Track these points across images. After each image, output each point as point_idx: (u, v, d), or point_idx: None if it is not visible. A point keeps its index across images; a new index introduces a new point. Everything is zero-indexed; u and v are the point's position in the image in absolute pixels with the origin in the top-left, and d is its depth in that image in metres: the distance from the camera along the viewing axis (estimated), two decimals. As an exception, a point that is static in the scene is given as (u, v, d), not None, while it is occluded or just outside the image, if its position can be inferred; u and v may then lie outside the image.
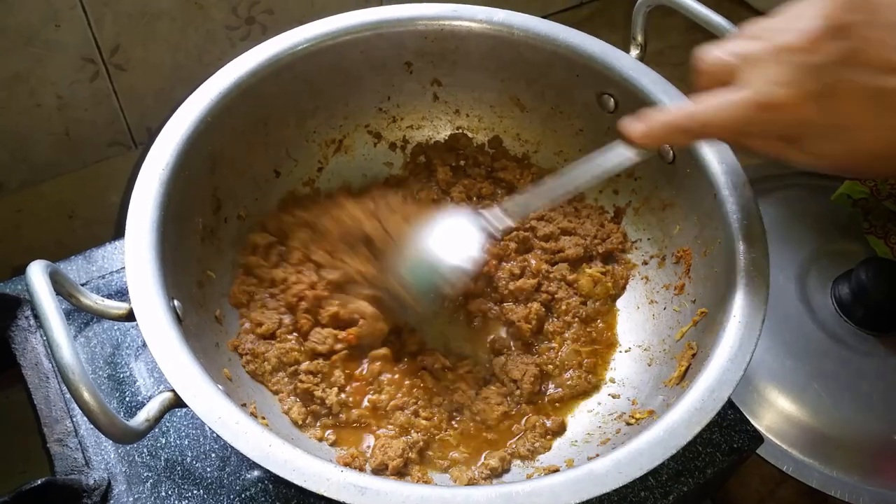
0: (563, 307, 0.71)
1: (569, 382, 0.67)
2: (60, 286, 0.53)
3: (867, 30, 0.44)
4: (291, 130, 0.75)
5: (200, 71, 0.86)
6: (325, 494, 0.47)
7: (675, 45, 1.12)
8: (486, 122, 0.81)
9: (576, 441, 0.63)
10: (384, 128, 0.80)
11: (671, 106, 0.52)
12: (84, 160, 0.88)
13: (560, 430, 0.64)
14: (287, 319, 0.67)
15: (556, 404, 0.66)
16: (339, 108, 0.77)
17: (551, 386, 0.67)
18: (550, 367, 0.68)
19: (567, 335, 0.70)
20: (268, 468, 0.47)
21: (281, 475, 0.47)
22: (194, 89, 0.66)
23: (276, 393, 0.64)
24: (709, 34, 0.67)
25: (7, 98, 0.78)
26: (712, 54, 0.51)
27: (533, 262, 0.73)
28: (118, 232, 0.91)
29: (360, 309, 0.65)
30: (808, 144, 0.47)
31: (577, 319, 0.71)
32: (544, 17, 0.74)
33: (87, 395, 0.46)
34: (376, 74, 0.76)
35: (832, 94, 0.44)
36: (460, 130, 0.81)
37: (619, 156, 0.57)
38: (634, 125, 0.55)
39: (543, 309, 0.70)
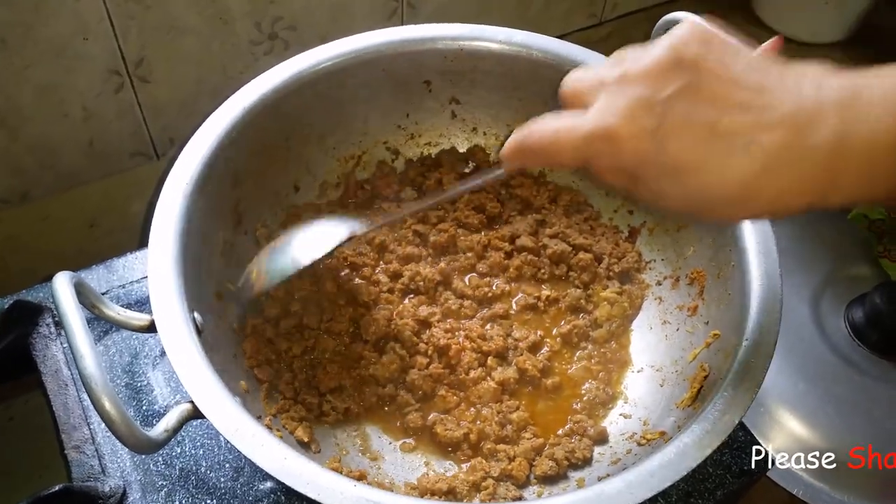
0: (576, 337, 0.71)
1: (586, 396, 0.67)
2: (84, 297, 0.54)
3: (707, 62, 0.41)
4: (312, 146, 0.76)
5: (223, 84, 0.88)
6: (339, 508, 0.47)
7: (693, 66, 1.12)
8: (504, 140, 0.81)
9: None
10: (402, 144, 0.81)
11: (533, 125, 0.48)
12: (107, 170, 0.89)
13: (601, 438, 0.65)
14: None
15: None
16: (358, 124, 0.78)
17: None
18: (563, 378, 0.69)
19: (580, 356, 0.70)
20: (282, 480, 0.48)
21: (295, 488, 0.48)
22: (217, 103, 0.67)
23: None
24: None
25: (36, 108, 0.79)
26: (572, 77, 0.47)
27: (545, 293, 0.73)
28: (140, 242, 0.92)
29: None
30: (649, 182, 0.43)
31: (590, 343, 0.71)
32: (563, 34, 0.75)
33: (108, 406, 0.46)
34: (396, 92, 0.77)
35: (667, 130, 0.41)
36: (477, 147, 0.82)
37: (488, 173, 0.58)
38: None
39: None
